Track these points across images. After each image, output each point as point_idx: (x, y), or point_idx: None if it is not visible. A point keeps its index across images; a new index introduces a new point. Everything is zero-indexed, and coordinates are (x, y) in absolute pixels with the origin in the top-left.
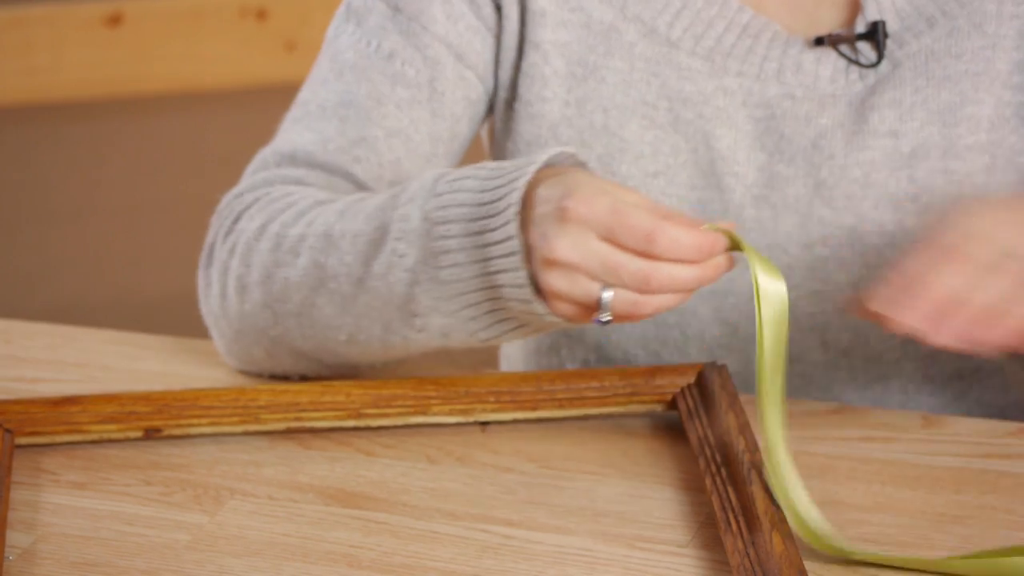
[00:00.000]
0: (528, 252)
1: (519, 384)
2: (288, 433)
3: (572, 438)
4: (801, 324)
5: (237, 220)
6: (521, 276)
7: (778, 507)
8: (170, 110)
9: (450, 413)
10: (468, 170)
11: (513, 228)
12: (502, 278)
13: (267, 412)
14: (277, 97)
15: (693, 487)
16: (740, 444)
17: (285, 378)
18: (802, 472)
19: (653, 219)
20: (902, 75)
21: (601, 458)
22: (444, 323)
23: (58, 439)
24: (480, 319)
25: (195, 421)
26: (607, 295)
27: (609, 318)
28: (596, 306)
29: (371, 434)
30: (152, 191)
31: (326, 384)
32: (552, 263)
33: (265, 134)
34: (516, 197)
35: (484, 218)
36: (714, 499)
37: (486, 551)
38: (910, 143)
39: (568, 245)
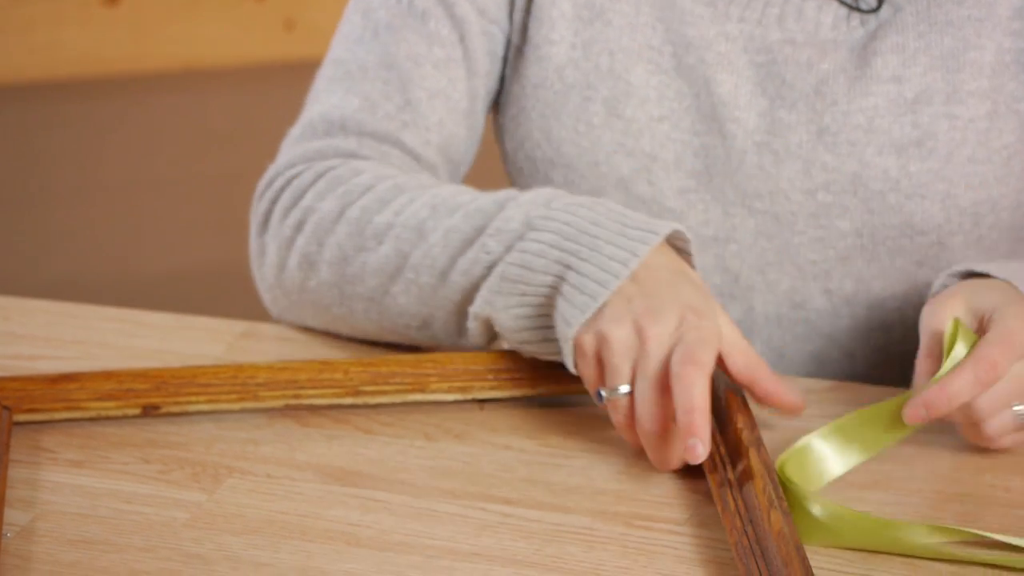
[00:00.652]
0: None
1: (517, 362)
2: (286, 411)
3: (570, 416)
4: (804, 272)
5: (301, 196)
6: (581, 317)
7: (776, 485)
8: (169, 89)
9: (448, 391)
10: (586, 199)
11: (611, 287)
12: (564, 307)
13: (265, 389)
14: (276, 76)
15: (691, 465)
16: (739, 421)
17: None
18: None
19: (699, 406)
20: (904, 20)
21: (599, 436)
22: (502, 318)
23: (56, 416)
24: (527, 319)
25: (193, 398)
26: (624, 389)
27: (607, 398)
28: (605, 382)
29: (369, 412)
30: (151, 169)
31: (324, 361)
32: (595, 350)
33: (264, 113)
34: (633, 265)
35: (584, 248)
36: (712, 477)
37: (485, 529)
38: (913, 88)
39: (618, 354)
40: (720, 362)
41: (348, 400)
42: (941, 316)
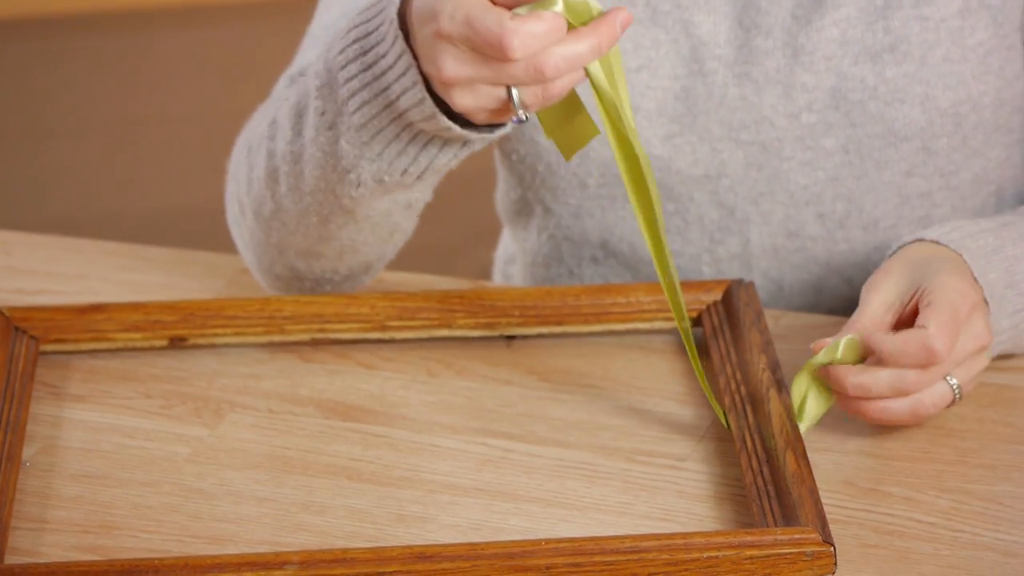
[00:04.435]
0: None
1: (544, 299)
2: (289, 346)
3: (572, 352)
4: (796, 198)
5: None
6: (419, 92)
7: (794, 426)
8: (170, 24)
9: (474, 327)
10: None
11: (400, 46)
12: (404, 101)
13: (292, 323)
14: (277, 11)
15: (693, 402)
16: (761, 362)
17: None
18: None
19: (500, 24)
20: None
21: (601, 372)
22: (374, 169)
23: (83, 347)
24: (405, 153)
25: (220, 331)
26: (515, 93)
27: (524, 117)
28: (509, 104)
29: (371, 347)
30: (152, 105)
31: (351, 296)
32: (450, 83)
33: (264, 48)
34: (392, 13)
35: (373, 47)
36: (732, 417)
37: (486, 464)
38: None
39: (452, 64)
40: None
41: (374, 335)
42: (879, 287)
